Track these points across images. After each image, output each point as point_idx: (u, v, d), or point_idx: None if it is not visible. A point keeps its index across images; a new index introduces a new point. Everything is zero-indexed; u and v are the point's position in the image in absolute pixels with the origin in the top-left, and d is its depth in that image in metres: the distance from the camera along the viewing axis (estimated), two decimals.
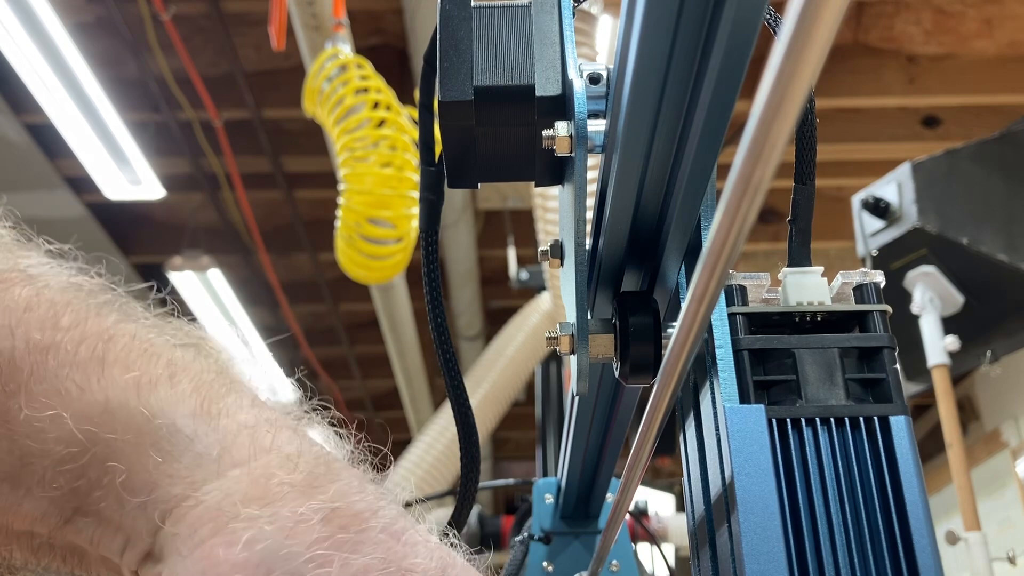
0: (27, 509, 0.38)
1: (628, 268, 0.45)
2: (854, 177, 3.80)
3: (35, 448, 0.37)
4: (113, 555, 0.39)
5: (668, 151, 0.38)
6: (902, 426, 0.37)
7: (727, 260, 0.27)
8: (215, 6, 3.37)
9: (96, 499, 0.38)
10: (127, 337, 0.40)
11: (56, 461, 0.37)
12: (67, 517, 0.38)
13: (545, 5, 0.47)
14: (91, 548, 0.39)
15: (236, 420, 0.39)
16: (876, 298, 0.40)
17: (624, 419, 0.65)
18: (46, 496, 0.38)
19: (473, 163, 0.47)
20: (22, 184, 4.17)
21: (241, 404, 0.40)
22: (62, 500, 0.38)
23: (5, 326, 0.38)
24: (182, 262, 4.28)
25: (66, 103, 3.30)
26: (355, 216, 2.17)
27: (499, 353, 3.60)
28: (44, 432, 0.37)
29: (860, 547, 0.35)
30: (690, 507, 0.43)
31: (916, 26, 3.51)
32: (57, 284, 0.42)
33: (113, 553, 0.38)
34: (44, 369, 0.38)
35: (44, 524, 0.38)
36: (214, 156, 3.88)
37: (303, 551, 0.34)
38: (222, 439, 0.38)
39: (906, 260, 2.17)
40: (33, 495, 0.38)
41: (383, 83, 2.20)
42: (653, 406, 0.36)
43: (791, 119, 0.22)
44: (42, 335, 0.38)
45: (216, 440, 0.38)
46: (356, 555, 0.34)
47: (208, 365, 0.42)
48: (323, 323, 5.25)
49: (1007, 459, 4.71)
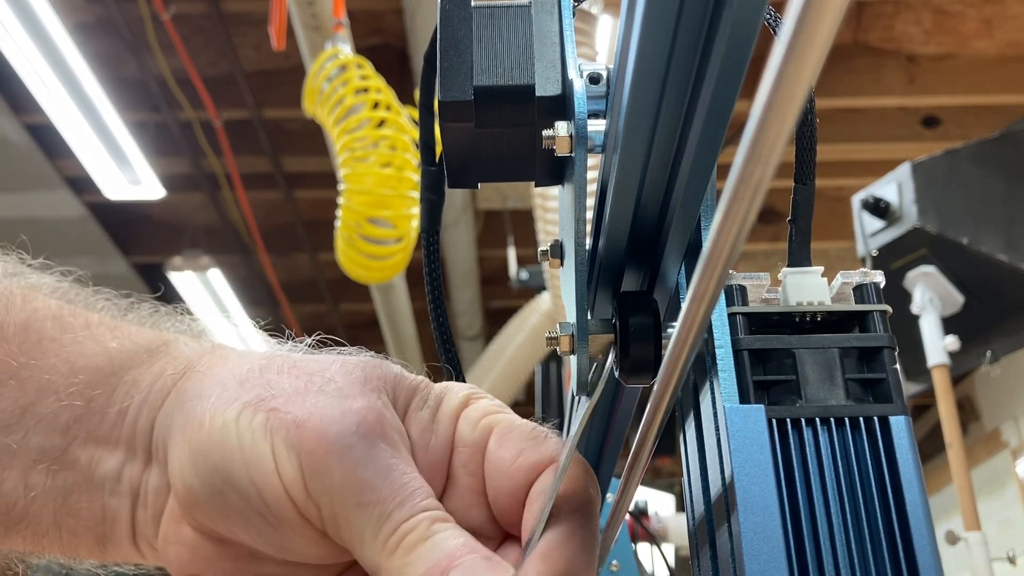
0: (22, 451, 0.41)
1: (628, 268, 0.45)
2: (854, 177, 3.80)
3: (48, 381, 0.42)
4: (110, 475, 0.42)
5: (668, 151, 0.38)
6: (902, 426, 0.37)
7: (727, 260, 0.27)
8: (215, 6, 3.37)
9: (96, 423, 0.42)
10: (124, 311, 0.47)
11: (65, 394, 0.42)
12: (63, 449, 0.42)
13: (545, 5, 0.47)
14: (86, 478, 0.42)
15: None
16: (876, 298, 0.40)
17: (624, 419, 0.65)
18: (43, 431, 0.42)
19: (473, 163, 0.47)
20: (22, 184, 4.18)
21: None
22: (59, 433, 0.42)
23: (17, 294, 0.44)
24: (182, 262, 4.29)
25: (66, 103, 3.30)
26: (355, 216, 2.17)
27: (499, 353, 3.60)
28: (59, 367, 0.42)
29: (860, 547, 0.35)
30: (690, 507, 0.43)
31: (916, 26, 3.51)
32: (51, 281, 0.48)
33: (111, 471, 0.42)
34: (61, 326, 0.43)
35: (40, 465, 0.42)
36: (214, 156, 3.88)
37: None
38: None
39: (906, 260, 2.17)
40: (32, 432, 0.42)
41: (383, 83, 2.20)
42: (653, 406, 0.36)
43: (791, 119, 0.22)
44: (51, 305, 0.44)
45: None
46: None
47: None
48: (323, 323, 5.25)
49: (1007, 459, 4.71)
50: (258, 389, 0.41)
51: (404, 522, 0.38)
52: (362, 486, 0.38)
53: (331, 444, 0.38)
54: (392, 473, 0.39)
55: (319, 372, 0.42)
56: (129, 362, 0.43)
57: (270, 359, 0.43)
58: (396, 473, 0.39)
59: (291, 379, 0.41)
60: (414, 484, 0.39)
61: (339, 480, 0.38)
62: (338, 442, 0.38)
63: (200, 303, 4.53)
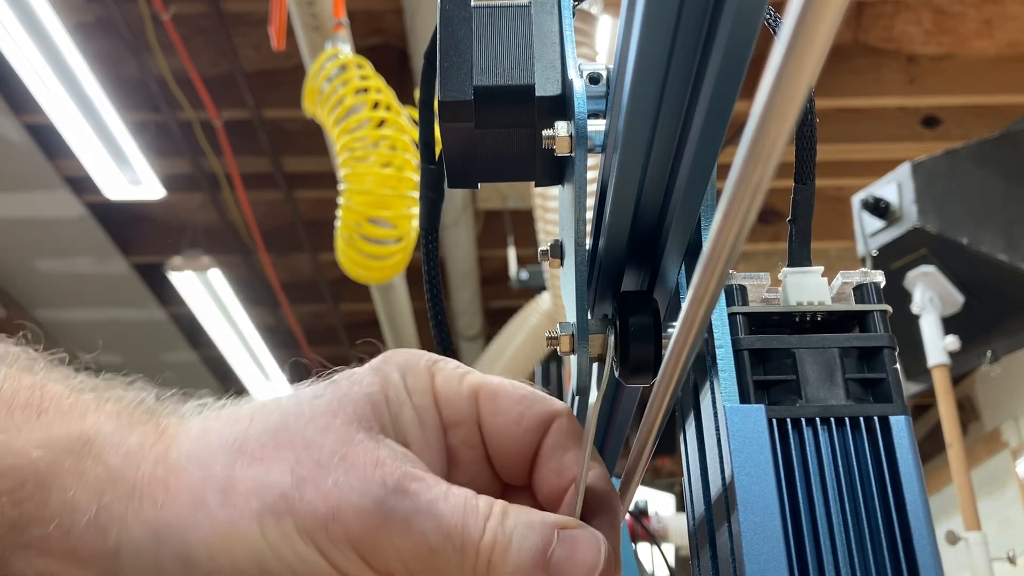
0: None
1: (628, 268, 0.45)
2: (854, 177, 3.80)
3: None
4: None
5: (668, 151, 0.38)
6: (902, 426, 0.37)
7: (727, 260, 0.27)
8: (215, 6, 3.37)
9: (40, 531, 0.37)
10: (56, 385, 0.41)
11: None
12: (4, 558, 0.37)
13: (545, 5, 0.47)
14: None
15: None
16: (876, 298, 0.40)
17: (624, 419, 0.65)
18: None
19: (473, 163, 0.47)
20: (22, 184, 4.18)
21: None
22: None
23: None
24: (182, 262, 4.28)
25: (66, 103, 3.29)
26: (355, 216, 2.17)
27: (499, 353, 3.60)
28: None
29: (860, 547, 0.35)
30: (690, 507, 0.43)
31: (916, 26, 3.50)
32: None
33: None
34: None
35: None
36: (214, 156, 3.87)
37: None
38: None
39: (906, 260, 2.17)
40: None
41: (383, 83, 2.19)
42: (653, 406, 0.36)
43: (791, 119, 0.22)
44: None
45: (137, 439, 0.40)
46: None
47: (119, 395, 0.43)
48: (323, 323, 5.25)
49: (1007, 459, 4.71)
50: (253, 486, 0.38)
51: (480, 542, 0.38)
52: (424, 538, 0.37)
53: (375, 518, 0.37)
54: (437, 506, 0.38)
55: (303, 441, 0.39)
56: (54, 469, 0.38)
57: (242, 440, 0.39)
58: (441, 504, 0.38)
59: (280, 463, 0.38)
60: (459, 500, 0.38)
61: (402, 544, 0.37)
62: (379, 513, 0.37)
63: (200, 303, 4.53)
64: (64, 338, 5.45)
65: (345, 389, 0.41)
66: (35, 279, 4.80)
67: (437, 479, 0.39)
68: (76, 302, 5.04)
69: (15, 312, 4.92)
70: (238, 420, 0.40)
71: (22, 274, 4.76)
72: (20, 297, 4.96)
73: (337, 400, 0.40)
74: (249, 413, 0.41)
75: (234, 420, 0.40)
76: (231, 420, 0.40)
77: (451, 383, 0.43)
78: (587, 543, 0.38)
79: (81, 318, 5.22)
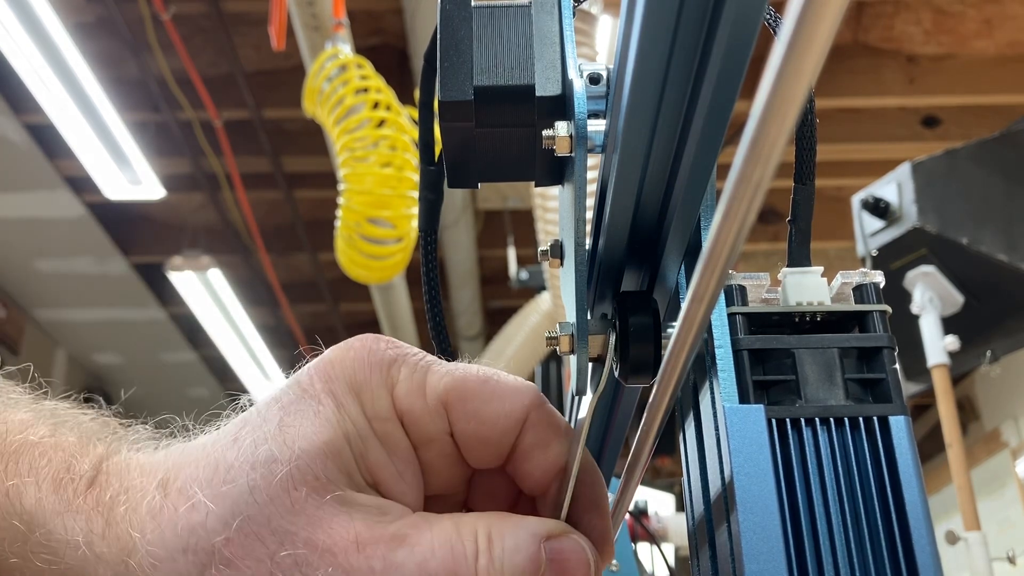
0: None
1: (628, 268, 0.45)
2: (854, 177, 3.80)
3: None
4: None
5: (668, 151, 0.38)
6: (902, 426, 0.37)
7: (727, 260, 0.27)
8: (215, 6, 3.37)
9: None
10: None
11: None
12: None
13: (545, 5, 0.47)
14: None
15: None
16: (876, 298, 0.40)
17: (624, 419, 0.65)
18: None
19: (473, 163, 0.47)
20: (22, 184, 4.18)
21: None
22: None
23: None
24: (182, 262, 4.28)
25: (66, 103, 3.30)
26: (355, 216, 2.17)
27: (499, 353, 3.60)
28: None
29: (860, 547, 0.35)
30: (690, 507, 0.43)
31: (916, 26, 3.51)
32: None
33: None
34: None
35: None
36: (214, 156, 3.88)
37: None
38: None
39: (906, 260, 2.17)
40: None
41: (383, 83, 2.20)
42: (653, 406, 0.36)
43: (791, 119, 0.22)
44: None
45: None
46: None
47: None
48: (323, 323, 5.25)
49: (1007, 459, 4.71)
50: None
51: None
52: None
53: None
54: (428, 567, 0.37)
55: (272, 533, 0.36)
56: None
57: (205, 537, 0.36)
58: (431, 564, 0.37)
59: (256, 564, 0.36)
60: (447, 549, 0.37)
61: None
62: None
63: (200, 303, 4.53)
64: (64, 338, 5.45)
65: (299, 441, 0.37)
66: (35, 279, 4.80)
67: (418, 527, 0.38)
68: (76, 302, 5.04)
69: (15, 312, 4.92)
70: (192, 503, 0.37)
71: (22, 274, 4.76)
72: (20, 297, 4.96)
73: (295, 465, 0.37)
74: (196, 485, 0.37)
75: (187, 501, 0.37)
76: (182, 499, 0.37)
77: (414, 396, 0.40)
78: (575, 555, 0.38)
79: (81, 318, 5.23)
